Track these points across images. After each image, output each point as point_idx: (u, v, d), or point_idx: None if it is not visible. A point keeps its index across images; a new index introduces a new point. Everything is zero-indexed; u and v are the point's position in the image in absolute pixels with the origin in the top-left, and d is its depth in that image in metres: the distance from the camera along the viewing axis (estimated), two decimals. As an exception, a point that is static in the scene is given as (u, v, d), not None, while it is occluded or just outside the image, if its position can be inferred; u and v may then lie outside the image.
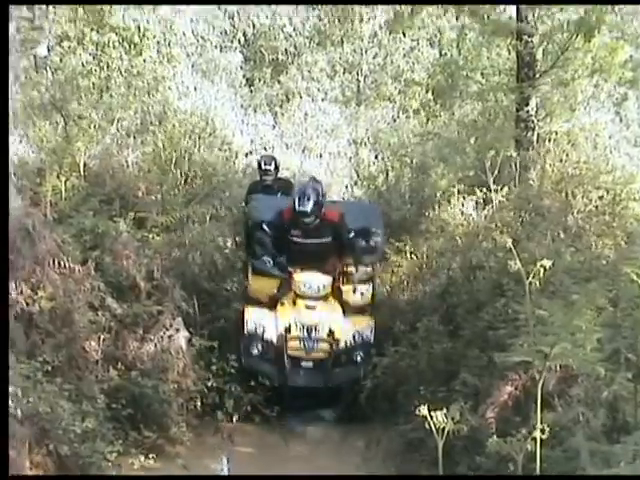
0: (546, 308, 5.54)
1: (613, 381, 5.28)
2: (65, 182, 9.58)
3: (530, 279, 4.15)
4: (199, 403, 8.58)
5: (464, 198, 10.00)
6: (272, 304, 9.39)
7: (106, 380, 7.88)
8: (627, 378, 5.29)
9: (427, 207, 10.60)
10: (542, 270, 4.11)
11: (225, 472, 6.84)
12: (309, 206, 9.25)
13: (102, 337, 8.08)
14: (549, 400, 5.25)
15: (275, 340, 9.10)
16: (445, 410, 3.71)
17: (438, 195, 10.76)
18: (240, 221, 11.53)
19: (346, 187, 14.08)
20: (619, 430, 4.91)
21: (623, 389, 5.26)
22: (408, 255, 10.04)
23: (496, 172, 9.62)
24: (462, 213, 9.79)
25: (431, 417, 3.66)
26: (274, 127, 15.30)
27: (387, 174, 12.76)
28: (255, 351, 9.08)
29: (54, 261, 7.90)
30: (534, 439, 3.72)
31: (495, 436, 4.39)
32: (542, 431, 3.70)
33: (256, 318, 9.26)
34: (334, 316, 9.30)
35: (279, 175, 11.41)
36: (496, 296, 7.83)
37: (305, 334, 9.11)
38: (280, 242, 9.53)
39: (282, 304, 9.36)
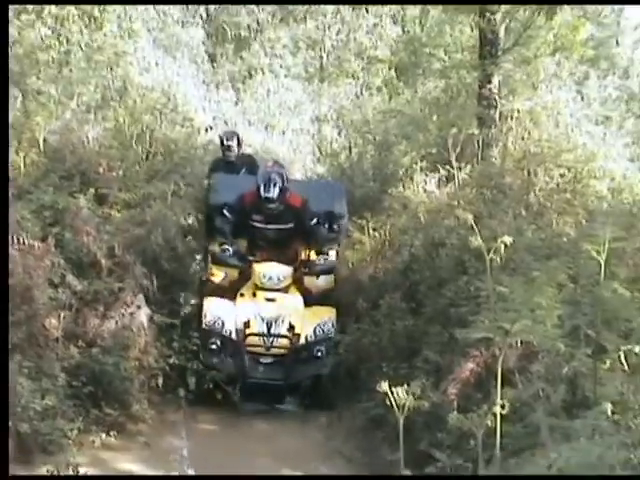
0: (507, 285, 5.59)
1: (573, 357, 5.34)
2: (24, 158, 9.46)
3: (491, 255, 4.16)
4: (161, 380, 8.56)
5: (427, 175, 10.01)
6: (232, 294, 9.24)
7: (66, 358, 7.84)
8: (587, 354, 5.34)
9: (390, 184, 10.59)
10: (503, 246, 4.12)
11: None
12: (275, 192, 9.11)
13: (62, 314, 8.04)
14: (510, 376, 5.28)
15: (234, 335, 8.91)
16: (406, 386, 3.72)
17: (401, 172, 10.78)
18: (202, 199, 11.50)
19: (308, 164, 14.09)
20: (579, 406, 4.95)
21: (583, 365, 5.31)
22: (371, 232, 10.01)
23: (458, 149, 9.66)
24: (425, 190, 9.80)
25: (392, 393, 3.67)
26: (236, 104, 15.23)
27: (350, 151, 12.77)
28: (214, 346, 8.85)
29: (13, 237, 7.85)
30: (494, 414, 3.75)
31: (456, 412, 4.42)
32: (502, 407, 3.73)
33: (215, 310, 9.05)
34: (295, 309, 9.14)
35: (242, 151, 11.26)
36: (458, 273, 7.89)
37: (265, 329, 8.93)
38: (240, 227, 9.45)
39: (242, 295, 9.22)
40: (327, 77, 16.91)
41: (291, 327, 8.93)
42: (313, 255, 9.48)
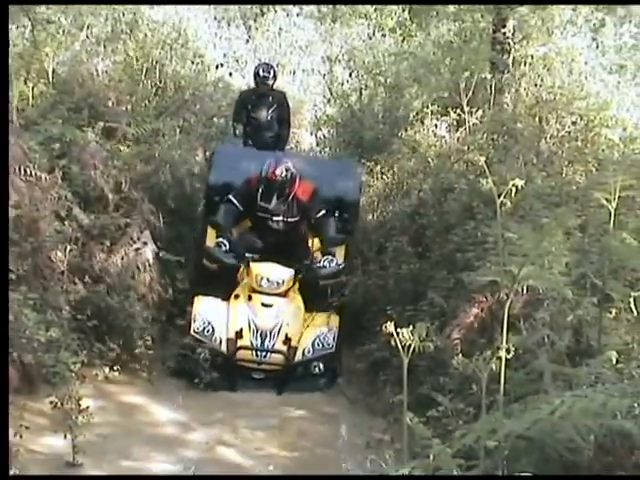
0: (515, 231, 5.57)
1: (579, 305, 5.34)
2: (32, 88, 9.40)
3: (501, 199, 4.13)
4: (164, 317, 8.61)
5: (437, 119, 9.99)
6: (226, 294, 8.46)
7: (72, 291, 7.87)
8: (592, 303, 5.34)
9: (400, 127, 10.57)
10: (514, 190, 4.09)
11: None
12: (273, 202, 8.59)
13: (68, 248, 8.06)
14: (515, 323, 5.29)
15: (224, 347, 8.14)
16: (411, 327, 3.71)
17: (411, 116, 10.74)
18: (211, 136, 11.47)
19: (319, 105, 14.03)
20: (583, 354, 4.97)
21: (588, 314, 5.31)
22: (379, 175, 9.99)
23: (470, 94, 9.62)
24: (435, 134, 9.78)
25: (397, 334, 3.67)
26: (247, 41, 15.10)
27: (361, 93, 12.69)
28: (200, 357, 7.94)
29: (20, 168, 7.84)
30: (499, 358, 3.75)
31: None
32: (507, 351, 3.72)
33: (206, 313, 8.29)
34: (293, 317, 8.36)
35: (275, 85, 11.12)
36: (466, 219, 7.88)
37: (258, 342, 8.14)
38: (244, 217, 8.87)
39: (236, 297, 8.44)
40: (339, 17, 16.70)
41: (287, 339, 8.19)
42: (318, 255, 8.78)
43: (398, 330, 3.66)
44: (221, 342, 8.15)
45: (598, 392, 3.92)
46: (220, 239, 8.62)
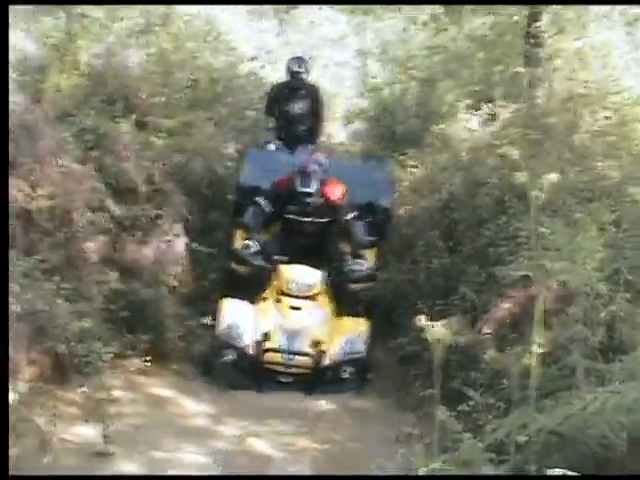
0: (548, 226, 5.57)
1: (612, 301, 5.32)
2: (67, 80, 9.47)
3: (535, 193, 4.11)
4: (195, 311, 8.62)
5: (470, 113, 9.92)
6: (254, 296, 8.23)
7: (104, 282, 7.91)
8: (626, 299, 5.33)
9: (432, 121, 10.49)
10: (547, 184, 4.08)
11: None
12: (314, 186, 8.34)
13: (101, 239, 8.11)
14: (547, 319, 5.26)
15: (251, 349, 7.90)
16: (443, 321, 3.72)
17: (444, 109, 10.68)
18: (243, 128, 11.48)
19: (351, 99, 14.00)
20: (615, 350, 4.95)
21: (621, 309, 5.30)
22: (411, 169, 9.96)
23: (503, 88, 9.58)
24: (467, 129, 9.71)
25: (429, 328, 3.68)
26: (279, 34, 15.06)
27: (394, 88, 12.64)
28: (227, 359, 7.87)
29: (54, 159, 7.89)
30: (531, 353, 3.74)
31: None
32: (539, 346, 3.72)
33: (233, 315, 8.06)
34: (322, 321, 8.12)
35: (309, 79, 11.11)
36: (498, 213, 7.87)
37: (285, 344, 7.91)
38: (273, 219, 8.63)
39: (264, 299, 8.21)
40: (372, 10, 16.67)
41: (316, 343, 7.93)
42: (348, 258, 8.50)
43: (430, 323, 3.66)
44: (247, 346, 7.92)
45: (631, 388, 3.91)
46: (248, 241, 8.43)
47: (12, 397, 4.96)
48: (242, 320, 8.02)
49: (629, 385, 4.01)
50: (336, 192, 8.51)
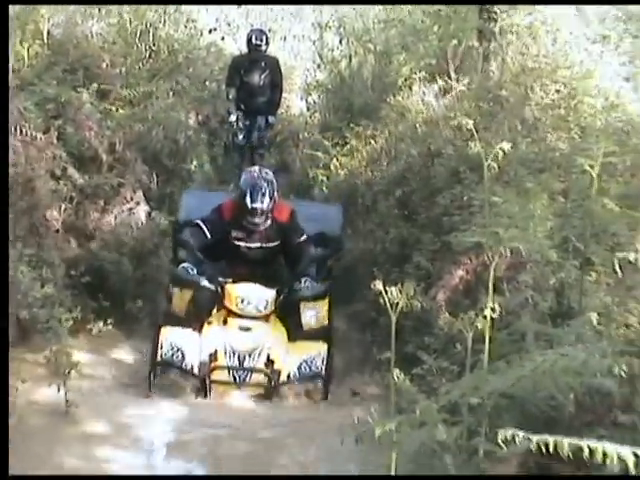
0: (500, 195, 5.62)
1: (561, 268, 5.36)
2: (28, 49, 9.38)
3: (488, 162, 4.13)
4: (156, 276, 8.59)
5: (425, 86, 9.93)
6: (198, 325, 7.26)
7: (66, 249, 7.88)
8: (574, 266, 5.37)
9: (388, 94, 10.49)
10: (500, 154, 4.10)
11: None
12: (265, 202, 7.38)
13: (63, 206, 8.06)
14: (498, 285, 5.30)
15: (196, 370, 6.91)
16: (399, 286, 3.73)
17: (400, 82, 10.67)
18: (203, 99, 11.43)
19: (309, 71, 13.98)
20: (564, 315, 4.99)
21: (570, 276, 5.34)
22: (368, 140, 9.98)
23: (458, 62, 9.61)
24: (423, 101, 9.73)
25: (386, 292, 3.68)
26: (239, 6, 14.96)
27: (350, 59, 12.63)
28: (167, 383, 6.92)
29: (16, 128, 7.82)
30: (484, 318, 3.77)
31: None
32: (492, 310, 3.74)
33: (174, 340, 7.04)
34: (275, 341, 7.17)
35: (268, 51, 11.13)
36: (452, 183, 7.88)
37: (236, 363, 6.95)
38: (218, 247, 7.59)
39: (209, 323, 7.26)
40: (330, -16, 16.63)
41: (269, 361, 6.98)
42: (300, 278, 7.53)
43: (386, 288, 3.67)
44: (192, 368, 6.94)
45: (579, 351, 3.95)
46: (186, 264, 7.41)
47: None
48: (185, 344, 7.04)
49: (577, 348, 4.04)
50: (284, 213, 7.70)
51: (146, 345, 7.43)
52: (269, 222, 7.52)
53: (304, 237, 7.67)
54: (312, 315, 7.36)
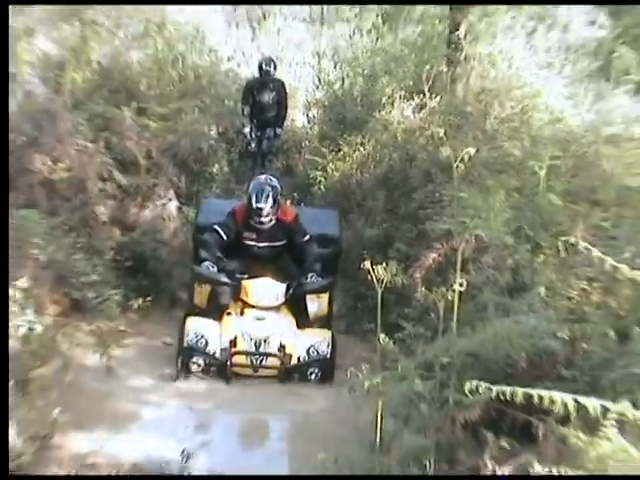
0: (466, 192, 5.61)
1: (516, 251, 5.35)
2: (81, 75, 9.35)
3: (457, 163, 4.12)
4: (185, 259, 8.57)
5: (404, 103, 9.89)
6: (218, 315, 7.07)
7: (112, 238, 7.87)
8: (526, 249, 5.37)
9: (374, 109, 10.44)
10: (467, 157, 4.09)
11: None
12: (267, 203, 7.14)
13: (109, 203, 8.06)
14: (465, 265, 5.28)
15: (219, 354, 6.72)
16: (385, 265, 3.74)
17: (384, 100, 10.58)
18: (222, 114, 11.40)
19: (310, 91, 13.92)
20: (518, 289, 4.98)
21: (523, 258, 5.33)
22: (357, 147, 9.94)
23: (430, 83, 9.57)
24: (402, 115, 9.70)
25: (373, 270, 3.69)
26: (252, 40, 14.89)
27: (343, 81, 12.55)
28: (195, 367, 6.67)
29: (71, 139, 7.83)
30: (454, 291, 3.77)
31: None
32: (460, 285, 3.74)
33: (197, 329, 6.86)
34: (286, 329, 6.96)
35: (275, 75, 11.11)
36: (426, 182, 7.88)
37: (253, 348, 6.74)
38: (232, 246, 7.35)
39: (228, 314, 7.05)
40: (326, 21, 16.58)
41: (282, 347, 6.78)
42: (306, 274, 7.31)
43: (374, 267, 3.68)
44: (215, 352, 6.74)
45: (530, 319, 3.95)
46: (207, 262, 7.19)
47: (39, 328, 4.92)
48: (207, 332, 6.84)
49: (528, 316, 4.05)
50: (289, 215, 7.46)
51: (178, 316, 7.42)
52: (274, 222, 7.27)
53: (307, 237, 7.45)
54: (316, 306, 7.23)
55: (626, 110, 9.00)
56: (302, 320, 7.09)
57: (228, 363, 6.63)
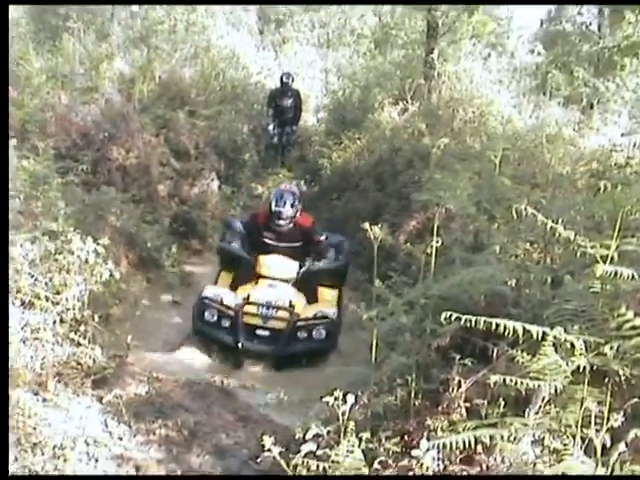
0: (439, 174, 5.59)
1: (476, 219, 5.35)
2: (147, 87, 9.39)
3: (434, 150, 4.10)
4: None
5: (392, 107, 9.82)
6: (234, 286, 6.32)
7: (169, 209, 7.88)
8: (485, 218, 5.36)
9: (369, 112, 10.35)
10: (442, 145, 4.06)
11: None
12: (286, 207, 6.37)
13: (167, 182, 8.06)
14: (438, 230, 5.25)
15: (233, 305, 5.89)
16: (379, 226, 3.75)
17: (376, 105, 10.48)
18: (252, 115, 11.38)
19: (319, 98, 13.83)
20: (478, 248, 4.98)
21: (481, 225, 5.33)
22: (355, 141, 9.89)
23: (412, 93, 9.52)
24: (390, 116, 9.64)
25: (371, 229, 3.70)
26: (275, 59, 14.74)
27: (344, 91, 12.44)
28: (209, 316, 5.86)
29: (139, 134, 7.84)
30: (431, 247, 3.76)
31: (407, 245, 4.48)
32: (437, 242, 3.73)
33: (215, 291, 6.13)
34: (295, 296, 6.15)
35: (293, 86, 11.03)
36: (408, 168, 7.84)
37: (264, 306, 5.94)
38: (253, 243, 6.53)
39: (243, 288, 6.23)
40: (331, 45, 16.43)
41: (291, 305, 5.98)
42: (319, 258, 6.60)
43: (371, 227, 3.70)
44: (229, 305, 5.92)
45: (487, 269, 3.94)
46: (232, 243, 6.60)
47: (118, 275, 4.92)
48: (223, 294, 6.06)
49: (486, 267, 4.05)
50: (307, 220, 6.65)
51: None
52: (292, 226, 6.46)
53: (323, 236, 6.69)
54: (327, 293, 6.52)
55: (558, 116, 9.07)
56: (311, 300, 6.32)
57: (239, 312, 5.81)
